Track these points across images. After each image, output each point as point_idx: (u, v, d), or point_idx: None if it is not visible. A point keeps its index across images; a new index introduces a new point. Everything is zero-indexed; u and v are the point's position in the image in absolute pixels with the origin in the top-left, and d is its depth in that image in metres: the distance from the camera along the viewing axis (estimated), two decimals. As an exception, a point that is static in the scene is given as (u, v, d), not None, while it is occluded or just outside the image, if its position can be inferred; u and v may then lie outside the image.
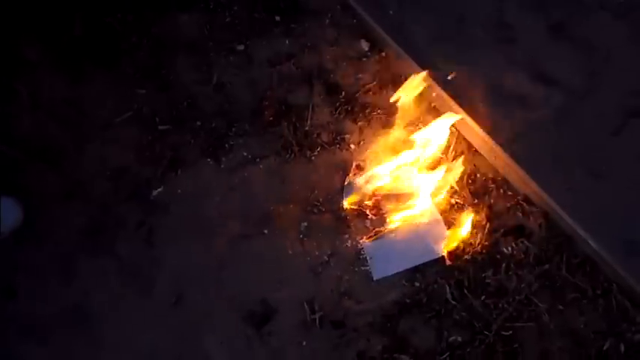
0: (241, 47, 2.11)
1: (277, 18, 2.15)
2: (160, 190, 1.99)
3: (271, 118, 2.01)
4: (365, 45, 2.01)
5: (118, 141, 2.05)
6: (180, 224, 1.94)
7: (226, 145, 2.01)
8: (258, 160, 1.98)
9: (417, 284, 1.78)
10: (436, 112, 1.93)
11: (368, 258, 1.81)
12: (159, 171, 2.00)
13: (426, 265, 1.79)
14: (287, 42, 2.09)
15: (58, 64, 2.14)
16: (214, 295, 1.85)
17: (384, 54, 1.99)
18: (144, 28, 2.16)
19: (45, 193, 1.99)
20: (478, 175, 1.87)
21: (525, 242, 1.77)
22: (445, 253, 1.78)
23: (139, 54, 2.14)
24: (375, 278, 1.80)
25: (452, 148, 1.89)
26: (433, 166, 1.87)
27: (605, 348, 1.66)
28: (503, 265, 1.75)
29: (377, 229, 1.84)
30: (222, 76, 2.09)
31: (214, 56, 2.11)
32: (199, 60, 2.12)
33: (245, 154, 1.99)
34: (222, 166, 1.99)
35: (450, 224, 1.83)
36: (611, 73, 1.82)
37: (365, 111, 1.97)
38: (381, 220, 1.86)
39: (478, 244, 1.78)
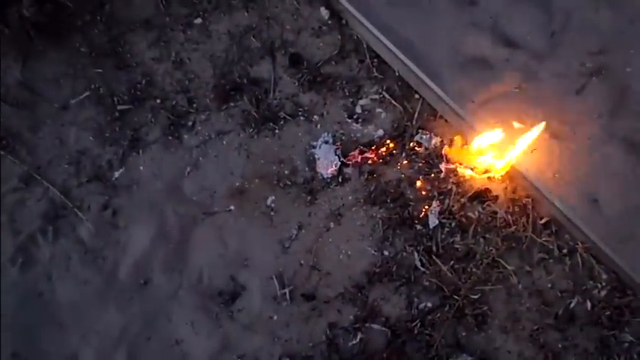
0: (199, 21, 2.05)
1: (235, -11, 2.09)
2: (121, 171, 1.94)
3: (233, 93, 1.96)
4: (325, 13, 1.96)
5: (76, 123, 1.99)
6: (144, 205, 1.90)
7: (188, 123, 1.96)
8: (221, 136, 1.94)
9: (386, 253, 1.77)
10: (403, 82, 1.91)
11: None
12: (120, 152, 1.95)
13: (394, 233, 1.78)
14: (246, 14, 2.03)
15: (9, 45, 2.05)
16: (181, 275, 1.82)
17: (344, 21, 1.95)
18: (97, 4, 2.08)
19: (2, 179, 1.93)
20: (442, 140, 1.85)
21: (492, 205, 1.76)
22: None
23: (93, 32, 2.07)
24: None
25: (416, 114, 1.87)
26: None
27: (572, 306, 1.68)
28: (471, 229, 1.75)
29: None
30: (180, 52, 2.03)
31: (171, 31, 2.05)
32: (156, 36, 2.05)
33: (208, 130, 1.95)
34: (185, 143, 1.94)
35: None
36: (572, 33, 1.81)
37: (328, 81, 1.93)
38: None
39: (446, 210, 1.77)
